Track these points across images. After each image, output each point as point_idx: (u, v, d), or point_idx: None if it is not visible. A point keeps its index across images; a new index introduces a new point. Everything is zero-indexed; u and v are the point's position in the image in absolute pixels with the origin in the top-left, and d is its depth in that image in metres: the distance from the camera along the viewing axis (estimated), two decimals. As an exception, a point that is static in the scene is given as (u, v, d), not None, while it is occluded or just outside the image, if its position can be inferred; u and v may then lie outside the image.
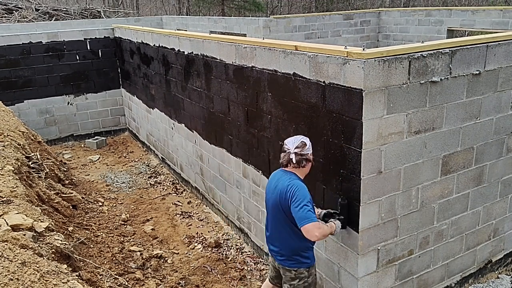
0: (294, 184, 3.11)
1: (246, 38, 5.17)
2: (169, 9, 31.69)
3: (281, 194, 3.16)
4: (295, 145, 3.20)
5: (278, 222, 3.27)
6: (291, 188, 3.10)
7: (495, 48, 3.56)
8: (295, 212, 3.03)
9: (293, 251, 3.29)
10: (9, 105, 8.26)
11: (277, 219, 3.28)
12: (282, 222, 3.24)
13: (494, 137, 3.89)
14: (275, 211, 3.26)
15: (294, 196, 3.05)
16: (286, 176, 3.21)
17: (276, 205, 3.23)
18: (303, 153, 3.19)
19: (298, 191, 3.06)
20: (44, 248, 3.34)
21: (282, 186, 3.18)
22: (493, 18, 9.73)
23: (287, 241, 3.28)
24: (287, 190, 3.11)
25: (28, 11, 18.31)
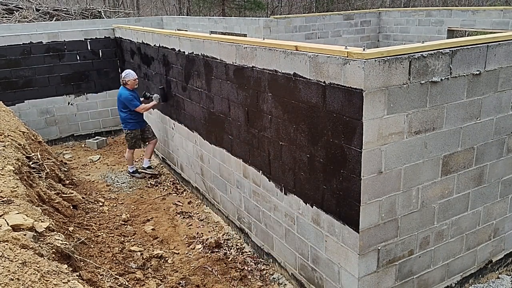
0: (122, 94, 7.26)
1: (247, 38, 5.18)
2: (169, 9, 31.70)
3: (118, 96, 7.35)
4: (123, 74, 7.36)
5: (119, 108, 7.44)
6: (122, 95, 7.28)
7: (495, 48, 3.56)
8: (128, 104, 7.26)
9: (123, 122, 7.49)
10: (9, 105, 8.26)
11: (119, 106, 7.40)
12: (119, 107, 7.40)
13: (494, 137, 3.89)
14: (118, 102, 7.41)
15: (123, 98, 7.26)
16: (122, 89, 7.29)
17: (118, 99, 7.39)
18: (122, 79, 7.26)
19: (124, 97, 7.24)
20: (45, 248, 3.34)
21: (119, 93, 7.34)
22: (493, 18, 9.73)
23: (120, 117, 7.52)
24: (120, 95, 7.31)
25: (28, 11, 18.32)
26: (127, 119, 7.37)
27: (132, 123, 7.39)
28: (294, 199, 4.18)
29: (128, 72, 7.27)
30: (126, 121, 7.39)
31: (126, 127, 7.45)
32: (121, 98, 7.21)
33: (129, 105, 7.17)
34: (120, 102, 7.26)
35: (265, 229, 4.89)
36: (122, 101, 7.21)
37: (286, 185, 4.28)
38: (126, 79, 7.19)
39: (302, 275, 4.35)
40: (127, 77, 7.20)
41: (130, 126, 7.42)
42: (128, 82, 7.20)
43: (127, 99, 7.17)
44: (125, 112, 7.31)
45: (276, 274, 4.81)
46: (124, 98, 7.17)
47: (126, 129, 7.45)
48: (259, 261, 5.08)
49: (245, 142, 4.86)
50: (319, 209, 3.83)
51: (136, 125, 7.45)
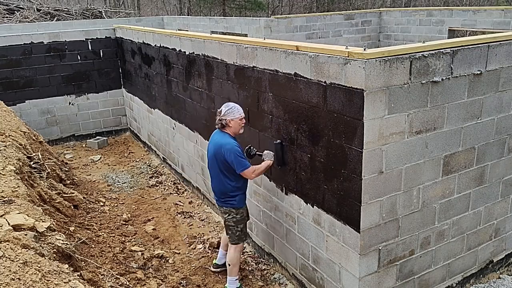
0: (228, 142, 4.06)
1: (247, 38, 5.18)
2: (170, 9, 31.71)
3: (219, 147, 4.09)
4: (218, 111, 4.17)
5: (215, 169, 4.21)
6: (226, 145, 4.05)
7: (496, 48, 3.55)
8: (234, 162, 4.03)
9: (224, 193, 4.24)
10: (10, 105, 8.27)
11: (215, 166, 4.20)
12: (217, 168, 4.18)
13: (495, 137, 3.89)
14: (213, 158, 4.18)
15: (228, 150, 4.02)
16: (222, 136, 4.14)
17: (214, 154, 4.16)
18: (221, 117, 4.11)
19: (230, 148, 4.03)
20: (46, 248, 3.34)
21: (219, 142, 4.11)
22: (494, 18, 9.72)
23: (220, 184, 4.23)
24: (223, 146, 4.05)
25: (29, 12, 18.34)
26: (232, 189, 4.20)
27: (239, 196, 4.26)
28: (295, 199, 4.18)
29: (233, 106, 4.12)
30: (227, 194, 4.22)
31: (228, 205, 4.26)
32: (222, 150, 4.03)
33: (237, 164, 4.01)
34: (218, 158, 4.09)
35: (266, 229, 4.89)
36: (223, 156, 4.04)
37: (287, 185, 4.27)
38: (228, 117, 4.08)
39: (303, 275, 4.35)
40: (230, 114, 4.08)
41: (237, 202, 4.25)
42: (232, 122, 4.09)
43: (234, 154, 4.00)
44: (227, 176, 4.15)
45: (277, 274, 4.81)
46: (229, 151, 4.00)
47: (229, 207, 4.26)
48: (260, 261, 5.08)
49: (246, 142, 4.85)
50: (320, 209, 3.83)
51: (243, 198, 4.35)
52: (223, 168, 4.11)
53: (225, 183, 4.17)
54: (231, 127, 4.10)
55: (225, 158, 4.04)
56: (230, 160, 4.02)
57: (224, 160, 4.05)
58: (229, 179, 4.16)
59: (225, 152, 4.02)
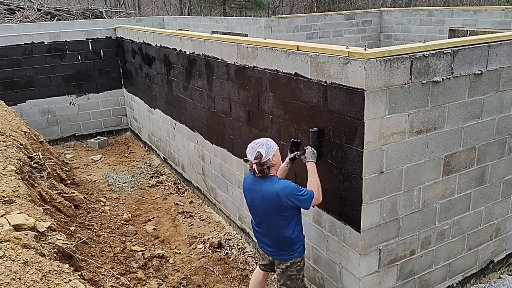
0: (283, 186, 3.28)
1: (248, 38, 5.18)
2: (170, 9, 31.72)
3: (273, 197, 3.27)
4: (253, 157, 3.31)
5: (271, 222, 3.40)
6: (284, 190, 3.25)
7: (497, 48, 3.55)
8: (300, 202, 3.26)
9: (287, 245, 3.44)
10: (11, 105, 8.27)
11: (271, 220, 3.39)
12: (275, 222, 3.37)
13: (496, 137, 3.88)
14: (268, 213, 3.37)
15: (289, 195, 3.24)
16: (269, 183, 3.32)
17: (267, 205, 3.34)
18: (263, 162, 3.27)
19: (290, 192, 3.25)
20: (46, 247, 3.34)
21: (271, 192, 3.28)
22: (495, 18, 9.72)
23: (280, 238, 3.42)
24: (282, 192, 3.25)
25: (30, 12, 18.35)
26: (298, 236, 3.48)
27: (302, 244, 3.55)
28: (295, 199, 4.17)
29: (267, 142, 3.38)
30: (295, 241, 3.47)
31: (294, 255, 3.49)
32: (282, 199, 3.24)
33: (304, 202, 3.28)
34: (278, 208, 3.30)
35: (267, 229, 4.89)
36: (285, 206, 3.27)
37: (287, 185, 4.27)
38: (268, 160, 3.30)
39: (303, 275, 4.35)
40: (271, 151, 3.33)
41: (301, 251, 3.54)
42: (275, 159, 3.35)
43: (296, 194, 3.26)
44: (289, 226, 3.39)
45: (277, 274, 4.80)
46: (290, 195, 3.24)
47: (294, 257, 3.50)
48: (260, 261, 5.08)
49: (246, 142, 4.83)
50: (320, 209, 3.83)
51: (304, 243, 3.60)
52: (282, 218, 3.32)
53: (287, 234, 3.37)
54: (275, 165, 3.35)
55: (287, 204, 3.24)
56: (295, 202, 3.25)
57: (285, 208, 3.26)
58: (294, 225, 3.38)
59: (288, 200, 3.22)
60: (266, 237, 3.52)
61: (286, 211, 3.30)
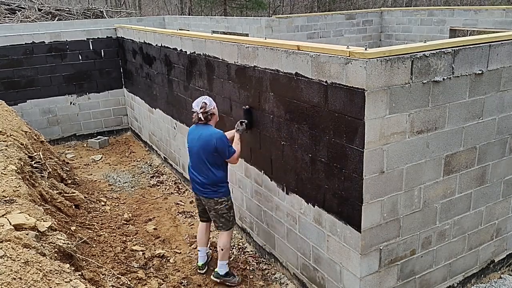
0: (216, 133, 4.21)
1: (248, 38, 5.18)
2: (171, 9, 31.74)
3: (209, 140, 4.19)
4: (199, 107, 4.20)
5: (203, 160, 4.29)
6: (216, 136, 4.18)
7: (497, 47, 3.55)
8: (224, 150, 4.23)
9: (214, 184, 4.34)
10: (12, 105, 8.28)
11: (202, 158, 4.28)
12: (205, 160, 4.27)
13: (496, 137, 3.88)
14: (201, 152, 4.27)
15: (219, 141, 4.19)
16: (206, 128, 4.26)
17: (202, 148, 4.25)
18: (206, 110, 4.21)
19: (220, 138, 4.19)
20: (47, 247, 3.34)
21: (208, 135, 4.20)
22: (495, 17, 9.71)
23: (209, 177, 4.31)
24: (214, 137, 4.17)
25: (30, 11, 18.36)
26: (223, 178, 4.39)
27: (227, 187, 4.46)
28: (296, 198, 4.18)
29: (210, 100, 4.32)
30: (219, 183, 4.37)
31: (221, 194, 4.41)
32: (212, 143, 4.17)
33: (227, 153, 4.26)
34: (209, 152, 4.22)
35: (267, 229, 4.89)
36: (214, 148, 4.19)
37: (288, 185, 4.27)
38: (210, 110, 4.26)
39: (304, 274, 4.35)
40: (211, 106, 4.28)
41: (226, 191, 4.45)
42: (214, 114, 4.32)
43: (224, 143, 4.22)
44: (217, 167, 4.32)
45: (278, 273, 4.81)
46: (220, 141, 4.18)
47: (219, 196, 4.40)
48: (260, 260, 5.08)
49: (247, 142, 4.86)
50: (321, 208, 3.83)
51: (228, 187, 4.52)
52: (212, 160, 4.27)
53: (216, 174, 4.32)
54: (215, 114, 4.35)
55: (217, 148, 4.20)
56: (222, 150, 4.22)
57: (215, 151, 4.21)
58: (219, 169, 4.34)
59: (216, 142, 4.18)
60: (198, 175, 4.35)
61: (214, 154, 4.20)
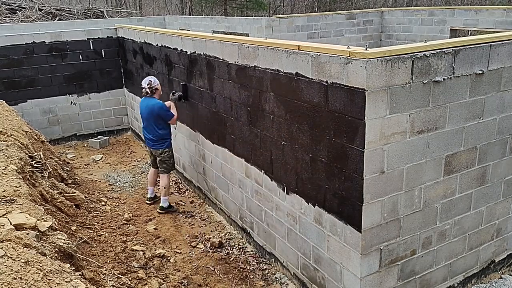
0: (159, 103, 5.97)
1: (249, 38, 5.18)
2: (171, 9, 31.75)
3: (153, 108, 5.92)
4: (147, 84, 5.97)
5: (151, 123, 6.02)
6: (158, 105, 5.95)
7: (498, 47, 3.55)
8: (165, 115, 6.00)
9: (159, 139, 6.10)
10: (12, 105, 8.28)
11: (151, 121, 6.00)
12: (153, 122, 6.00)
13: (497, 137, 3.88)
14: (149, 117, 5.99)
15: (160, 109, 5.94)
16: (151, 100, 6.00)
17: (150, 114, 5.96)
18: (152, 86, 5.98)
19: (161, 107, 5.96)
20: (47, 247, 3.35)
21: (153, 105, 5.94)
22: (496, 17, 9.70)
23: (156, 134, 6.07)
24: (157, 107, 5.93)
25: (31, 11, 18.37)
26: (166, 135, 6.14)
27: (170, 138, 6.23)
28: (296, 198, 4.18)
29: (154, 78, 6.09)
30: (164, 138, 6.14)
31: (164, 146, 6.14)
32: (157, 110, 5.89)
33: (167, 116, 6.00)
34: (154, 116, 5.94)
35: (267, 229, 4.89)
36: (158, 114, 5.91)
37: (288, 185, 4.27)
38: (155, 86, 5.99)
39: (304, 274, 4.35)
40: (156, 83, 6.01)
41: (170, 143, 6.23)
42: (157, 89, 6.04)
43: (163, 109, 5.95)
44: (161, 127, 6.04)
45: (278, 273, 4.81)
46: (160, 109, 5.90)
47: (164, 147, 6.13)
48: (261, 260, 5.09)
49: (247, 141, 4.86)
50: (321, 208, 3.83)
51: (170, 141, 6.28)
52: (158, 122, 5.99)
53: (160, 132, 6.06)
54: (158, 90, 6.07)
55: (159, 114, 5.92)
56: (163, 114, 5.96)
57: (158, 115, 5.93)
58: (163, 128, 6.07)
59: (159, 110, 5.91)
60: (149, 134, 6.11)
61: (158, 117, 5.95)
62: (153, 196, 6.63)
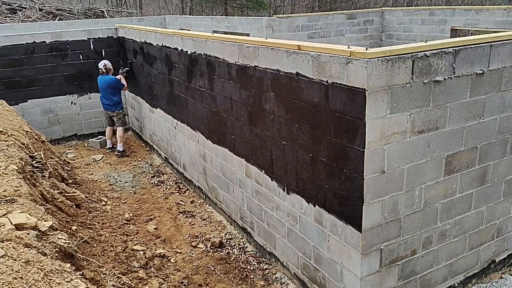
0: (113, 78, 8.61)
1: (249, 38, 5.17)
2: (172, 9, 31.75)
3: (109, 82, 8.55)
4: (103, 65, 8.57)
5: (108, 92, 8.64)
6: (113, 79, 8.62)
7: (499, 47, 3.55)
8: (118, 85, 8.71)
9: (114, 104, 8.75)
10: (13, 105, 8.28)
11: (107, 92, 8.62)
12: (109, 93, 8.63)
13: (497, 137, 3.88)
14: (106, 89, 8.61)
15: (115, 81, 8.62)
16: (108, 76, 8.60)
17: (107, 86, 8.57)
18: (107, 67, 8.59)
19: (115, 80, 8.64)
20: (48, 247, 3.35)
21: (109, 79, 8.58)
22: (496, 17, 9.70)
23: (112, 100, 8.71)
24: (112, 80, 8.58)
25: (31, 11, 18.38)
26: (119, 101, 8.81)
27: (121, 103, 8.95)
28: (296, 198, 4.18)
29: (108, 62, 8.67)
30: (118, 103, 8.79)
31: (118, 108, 8.81)
32: (112, 83, 8.52)
33: (120, 86, 8.69)
34: (110, 88, 8.55)
35: (268, 229, 4.89)
36: (113, 85, 8.55)
37: (288, 185, 4.28)
38: (109, 67, 8.62)
39: (304, 274, 4.35)
40: (109, 65, 8.62)
41: (121, 107, 8.89)
42: (110, 69, 8.66)
43: (117, 81, 8.63)
44: (116, 95, 8.71)
45: (278, 273, 4.81)
46: (115, 81, 8.57)
47: (118, 109, 8.80)
48: (261, 260, 5.09)
49: (247, 141, 4.86)
50: (321, 208, 3.83)
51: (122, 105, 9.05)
52: (114, 91, 8.66)
53: (115, 99, 8.73)
54: (111, 70, 8.66)
55: (114, 84, 8.58)
56: (116, 85, 8.62)
57: (114, 86, 8.58)
58: (117, 96, 8.75)
59: (114, 82, 8.58)
60: (106, 100, 8.68)
61: (114, 87, 8.60)
62: (111, 146, 9.14)
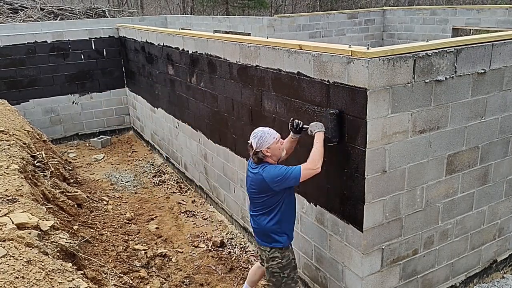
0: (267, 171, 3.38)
1: (250, 37, 5.17)
2: (173, 9, 31.74)
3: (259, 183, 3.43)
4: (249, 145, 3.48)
5: (256, 207, 3.58)
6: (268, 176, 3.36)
7: (500, 47, 3.54)
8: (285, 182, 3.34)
9: (265, 234, 3.58)
10: (14, 104, 8.29)
11: (256, 205, 3.57)
12: (258, 206, 3.54)
13: (499, 137, 3.87)
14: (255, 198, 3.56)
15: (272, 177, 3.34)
16: (259, 168, 3.44)
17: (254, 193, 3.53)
18: (256, 151, 3.40)
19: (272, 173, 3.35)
20: (49, 246, 3.35)
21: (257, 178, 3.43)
22: (498, 16, 9.68)
23: (260, 225, 3.58)
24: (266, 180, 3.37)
25: (33, 11, 18.39)
26: (275, 225, 3.50)
27: (283, 233, 3.57)
28: (297, 198, 4.18)
29: (262, 134, 3.40)
30: (271, 231, 3.53)
31: (271, 244, 3.57)
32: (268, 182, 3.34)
33: (288, 180, 3.32)
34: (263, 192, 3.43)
35: (269, 228, 4.88)
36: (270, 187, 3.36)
37: (290, 184, 4.26)
38: (263, 148, 3.36)
39: (306, 274, 4.35)
40: (264, 143, 3.36)
41: (284, 240, 3.58)
42: (269, 150, 3.38)
43: (279, 175, 3.32)
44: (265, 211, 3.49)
45: (279, 273, 4.79)
46: (274, 177, 3.32)
47: (271, 246, 3.57)
48: (262, 260, 5.07)
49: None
50: (322, 208, 3.83)
51: (291, 234, 3.64)
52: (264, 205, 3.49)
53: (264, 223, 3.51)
54: (270, 155, 3.38)
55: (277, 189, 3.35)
56: (283, 184, 3.32)
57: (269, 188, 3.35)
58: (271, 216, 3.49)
59: (272, 183, 3.32)
60: (253, 221, 3.65)
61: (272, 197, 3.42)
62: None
